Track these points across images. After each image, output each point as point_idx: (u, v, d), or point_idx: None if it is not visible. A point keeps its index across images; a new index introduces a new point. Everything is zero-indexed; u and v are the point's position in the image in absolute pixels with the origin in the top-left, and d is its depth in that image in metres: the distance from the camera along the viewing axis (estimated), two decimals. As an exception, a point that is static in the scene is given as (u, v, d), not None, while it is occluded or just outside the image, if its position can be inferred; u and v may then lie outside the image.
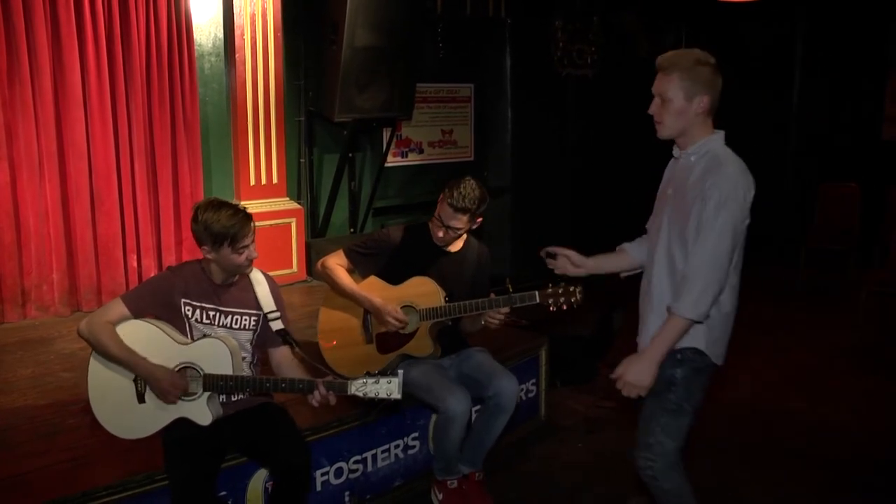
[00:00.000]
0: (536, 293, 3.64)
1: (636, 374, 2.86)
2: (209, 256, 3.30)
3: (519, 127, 7.97)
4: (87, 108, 5.43)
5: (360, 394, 3.06)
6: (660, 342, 2.85)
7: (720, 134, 2.96)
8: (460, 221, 3.83)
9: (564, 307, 3.61)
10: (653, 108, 2.98)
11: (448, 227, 3.85)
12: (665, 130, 2.97)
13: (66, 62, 5.29)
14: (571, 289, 3.60)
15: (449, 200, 3.79)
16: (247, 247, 3.30)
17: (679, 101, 2.89)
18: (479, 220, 3.92)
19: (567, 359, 5.60)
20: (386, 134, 7.23)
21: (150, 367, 3.19)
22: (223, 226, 3.21)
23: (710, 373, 3.00)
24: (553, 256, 3.34)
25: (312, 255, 6.57)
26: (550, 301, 3.61)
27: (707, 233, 2.77)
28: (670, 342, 2.85)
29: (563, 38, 8.15)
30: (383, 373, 3.07)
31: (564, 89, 8.28)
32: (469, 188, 3.79)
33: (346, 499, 3.97)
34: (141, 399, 3.26)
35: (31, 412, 3.92)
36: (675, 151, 3.08)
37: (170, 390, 3.19)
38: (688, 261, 2.83)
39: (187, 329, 3.33)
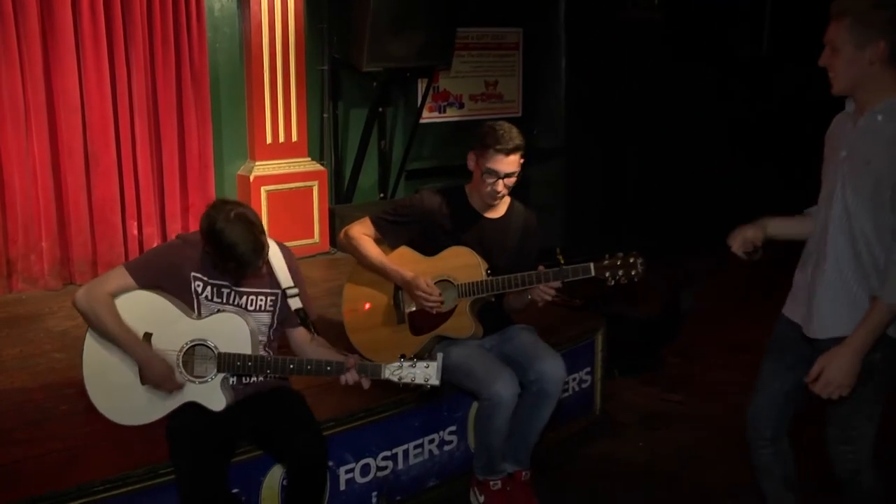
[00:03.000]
0: (591, 265, 3.61)
1: (839, 371, 2.84)
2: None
3: (574, 78, 7.92)
4: (79, 55, 5.44)
5: (395, 378, 3.10)
6: (864, 333, 2.83)
7: None
8: (515, 163, 3.79)
9: (624, 281, 3.59)
10: (823, 59, 2.94)
11: (506, 177, 3.80)
12: (837, 84, 2.93)
13: (54, 0, 5.29)
14: (632, 260, 3.57)
15: (496, 147, 3.74)
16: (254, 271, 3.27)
17: (849, 49, 2.84)
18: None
19: (627, 344, 5.58)
20: (421, 86, 7.21)
21: (147, 354, 3.20)
22: (234, 248, 3.10)
23: None
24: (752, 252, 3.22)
25: (336, 224, 6.58)
26: (608, 274, 3.59)
27: None
28: (877, 332, 2.83)
29: (626, -27, 8.05)
30: (420, 356, 3.09)
31: (627, 35, 8.17)
32: (505, 127, 3.78)
33: (374, 500, 3.97)
34: (144, 379, 3.26)
35: (20, 396, 3.95)
36: (849, 107, 3.01)
37: (161, 383, 3.21)
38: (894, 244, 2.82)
39: (196, 306, 3.32)
